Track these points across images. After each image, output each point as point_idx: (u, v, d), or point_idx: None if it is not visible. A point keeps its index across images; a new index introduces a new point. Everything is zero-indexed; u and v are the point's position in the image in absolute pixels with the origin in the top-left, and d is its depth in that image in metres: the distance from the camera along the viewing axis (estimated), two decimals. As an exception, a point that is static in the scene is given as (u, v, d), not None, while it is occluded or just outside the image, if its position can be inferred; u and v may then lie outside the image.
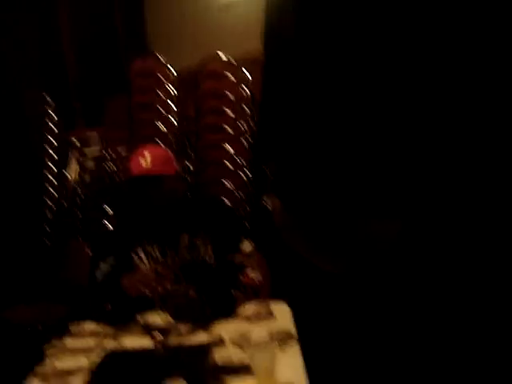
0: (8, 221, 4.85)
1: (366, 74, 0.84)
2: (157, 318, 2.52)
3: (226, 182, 4.09)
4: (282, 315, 2.50)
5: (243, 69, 4.30)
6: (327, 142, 0.85)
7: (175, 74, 4.62)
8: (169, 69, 4.63)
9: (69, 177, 4.88)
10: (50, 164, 4.97)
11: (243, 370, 1.95)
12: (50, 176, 4.96)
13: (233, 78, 4.33)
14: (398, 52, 0.86)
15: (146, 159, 2.68)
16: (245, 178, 4.10)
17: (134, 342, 2.36)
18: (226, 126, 4.18)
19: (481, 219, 0.83)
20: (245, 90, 4.26)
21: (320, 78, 0.89)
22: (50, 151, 4.97)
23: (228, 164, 4.12)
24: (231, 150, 4.13)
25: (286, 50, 1.00)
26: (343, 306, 1.17)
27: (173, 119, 4.45)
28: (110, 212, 4.56)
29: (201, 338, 2.29)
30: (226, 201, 3.76)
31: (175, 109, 4.49)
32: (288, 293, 2.73)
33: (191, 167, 4.13)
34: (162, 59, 4.65)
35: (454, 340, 0.90)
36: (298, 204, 0.88)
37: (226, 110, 4.22)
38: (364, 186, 0.83)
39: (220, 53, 4.38)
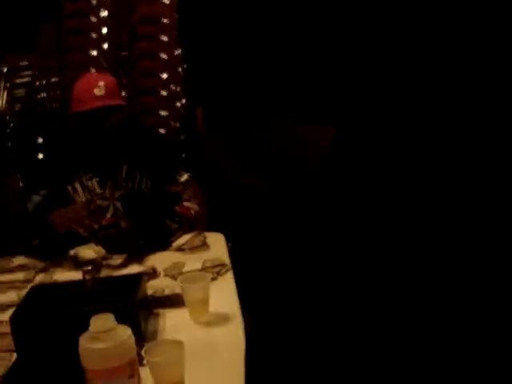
0: None
1: None
2: (89, 252, 2.47)
3: (160, 111, 3.98)
4: (217, 246, 2.49)
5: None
6: (251, 39, 0.78)
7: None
8: (101, -8, 4.40)
9: (-3, 106, 4.68)
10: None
11: (176, 301, 1.93)
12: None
13: (168, 2, 4.16)
14: None
15: (100, 89, 2.52)
16: (180, 106, 4.00)
17: (65, 276, 2.32)
18: (161, 53, 4.04)
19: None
20: (180, 15, 4.11)
21: None
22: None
23: (163, 92, 4.01)
24: (165, 78, 4.00)
25: None
26: (272, 225, 1.14)
27: (105, 45, 4.27)
28: (42, 142, 4.41)
29: (134, 270, 2.25)
30: (162, 131, 3.67)
31: (108, 34, 4.30)
32: (223, 222, 2.71)
33: (125, 95, 3.99)
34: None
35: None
36: (220, 110, 0.81)
37: (161, 35, 4.06)
38: (293, 86, 0.77)
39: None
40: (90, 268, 2.00)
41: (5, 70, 4.73)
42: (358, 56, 0.76)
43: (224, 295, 1.98)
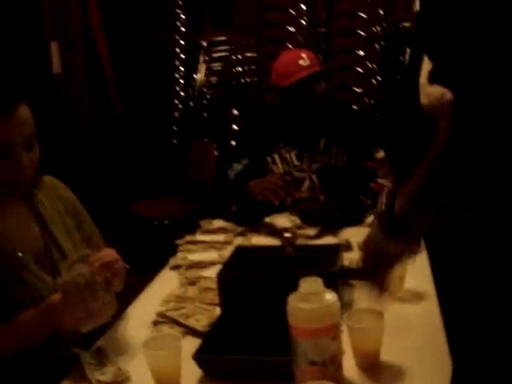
0: (140, 121, 5.03)
1: None
2: (284, 220, 2.56)
3: (356, 88, 4.00)
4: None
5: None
6: None
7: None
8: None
9: (196, 78, 4.95)
10: (178, 65, 5.05)
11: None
12: (178, 77, 5.05)
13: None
14: None
15: (304, 60, 2.61)
16: (375, 83, 3.99)
17: (262, 241, 2.43)
18: (359, 30, 4.03)
19: None
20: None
21: None
22: (179, 52, 5.04)
23: (359, 69, 4.02)
24: (362, 55, 4.01)
25: None
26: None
27: (303, 21, 4.34)
28: (237, 114, 4.60)
29: (328, 241, 2.30)
30: (356, 107, 3.68)
31: (306, 11, 4.36)
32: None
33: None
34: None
35: None
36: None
37: (360, 13, 4.06)
38: None
39: None
40: (289, 235, 2.08)
41: (204, 44, 4.98)
42: None
43: (419, 274, 1.97)
